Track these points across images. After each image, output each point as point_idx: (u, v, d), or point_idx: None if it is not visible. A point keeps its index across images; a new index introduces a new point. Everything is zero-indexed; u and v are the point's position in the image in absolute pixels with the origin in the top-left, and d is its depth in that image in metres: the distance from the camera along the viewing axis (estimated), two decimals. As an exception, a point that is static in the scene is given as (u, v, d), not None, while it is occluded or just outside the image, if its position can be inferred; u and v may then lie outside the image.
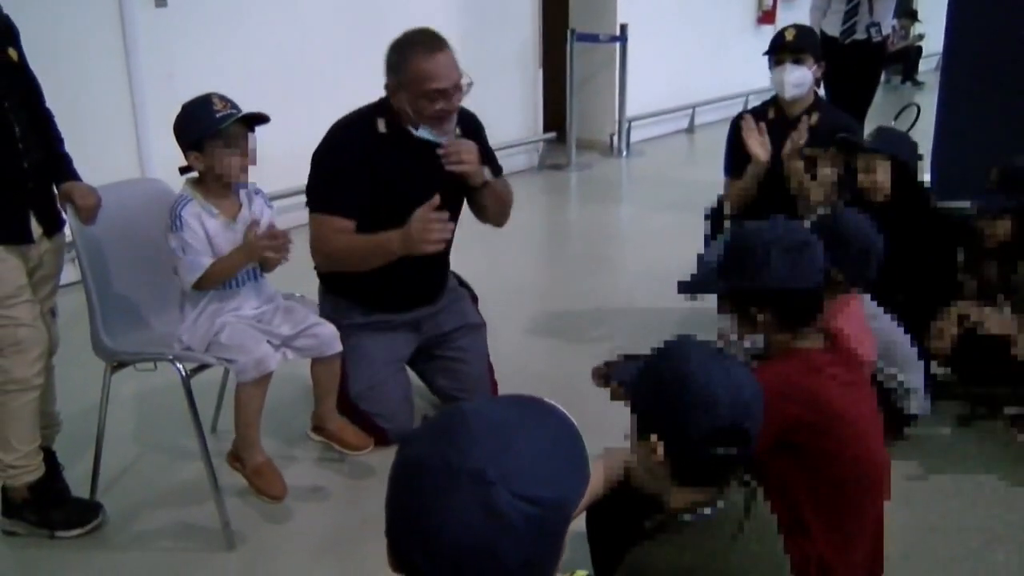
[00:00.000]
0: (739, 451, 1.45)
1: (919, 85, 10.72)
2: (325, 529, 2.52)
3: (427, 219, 2.50)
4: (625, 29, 6.93)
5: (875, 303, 2.69)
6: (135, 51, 4.42)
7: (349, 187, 2.65)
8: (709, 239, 3.61)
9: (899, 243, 2.55)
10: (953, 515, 2.55)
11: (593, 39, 6.94)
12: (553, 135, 7.02)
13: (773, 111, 3.47)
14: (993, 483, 2.69)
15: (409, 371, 3.03)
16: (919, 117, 6.31)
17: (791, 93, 3.36)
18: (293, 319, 2.50)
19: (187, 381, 2.38)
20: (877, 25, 5.18)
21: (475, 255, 3.45)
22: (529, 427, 0.94)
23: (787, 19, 8.21)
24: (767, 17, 8.74)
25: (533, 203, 6.10)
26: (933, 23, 8.98)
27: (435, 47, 2.59)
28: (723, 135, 3.65)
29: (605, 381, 1.93)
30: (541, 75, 6.80)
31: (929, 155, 4.28)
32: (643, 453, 1.49)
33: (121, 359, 2.48)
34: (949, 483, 2.70)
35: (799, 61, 3.33)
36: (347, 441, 2.62)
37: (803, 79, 3.34)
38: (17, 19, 2.32)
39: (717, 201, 3.64)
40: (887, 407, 2.65)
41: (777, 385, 1.66)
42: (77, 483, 2.55)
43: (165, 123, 2.38)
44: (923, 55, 11.04)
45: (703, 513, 1.46)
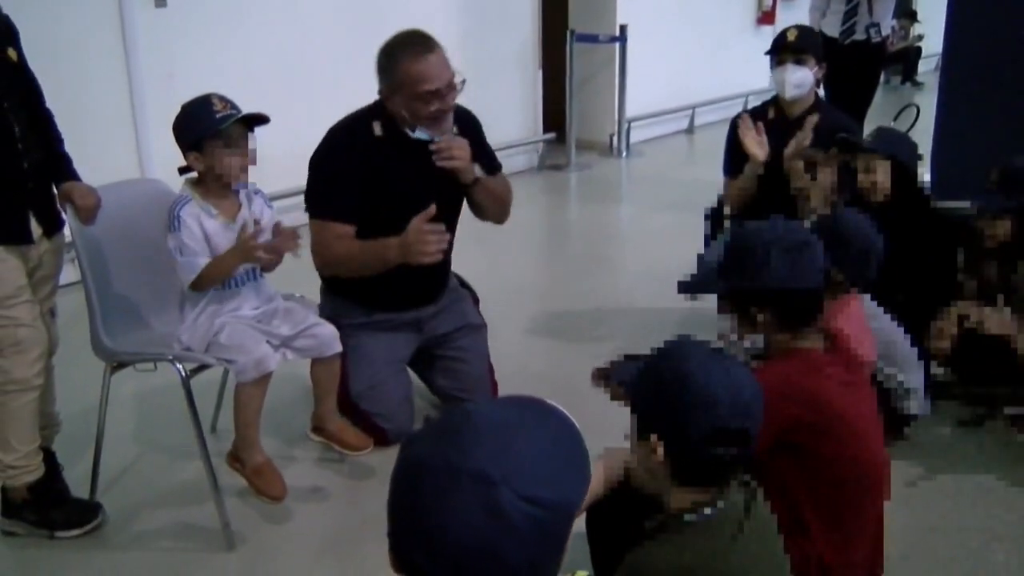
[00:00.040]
0: (739, 451, 1.45)
1: (918, 86, 10.73)
2: (325, 530, 2.52)
3: (423, 230, 2.50)
4: (625, 29, 6.94)
5: (875, 303, 2.69)
6: (135, 51, 4.42)
7: (347, 192, 2.65)
8: (709, 239, 3.61)
9: (899, 243, 2.55)
10: (953, 515, 2.55)
11: (593, 39, 6.93)
12: (553, 135, 7.02)
13: (773, 111, 3.47)
14: (993, 483, 2.69)
15: (409, 371, 3.04)
16: (918, 117, 6.31)
17: (792, 93, 3.36)
18: (293, 319, 2.50)
19: (187, 381, 2.38)
20: (876, 26, 5.18)
21: (475, 255, 3.45)
22: (531, 428, 0.94)
23: (787, 19, 8.23)
24: (767, 18, 8.74)
25: (533, 203, 6.10)
26: (932, 23, 8.99)
27: (425, 48, 2.57)
28: (723, 136, 3.65)
29: (605, 382, 1.92)
30: (541, 75, 6.80)
31: (929, 155, 4.28)
32: (643, 453, 1.50)
33: (121, 359, 2.48)
34: (949, 483, 2.70)
35: (800, 61, 3.34)
36: (347, 442, 2.62)
37: (804, 79, 3.34)
38: (17, 19, 2.32)
39: (717, 201, 3.64)
40: (887, 407, 2.65)
41: (777, 385, 1.66)
42: (77, 483, 2.55)
43: (165, 123, 2.38)
44: (922, 56, 11.05)
45: (703, 513, 1.46)
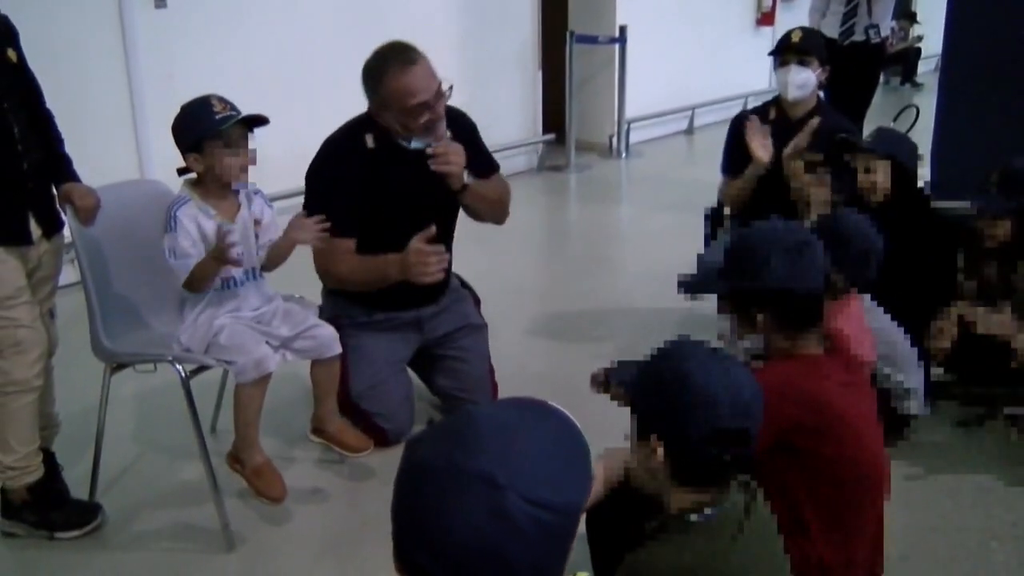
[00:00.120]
0: (739, 451, 1.45)
1: (918, 86, 10.72)
2: (325, 531, 2.52)
3: (423, 251, 2.53)
4: (624, 30, 6.93)
5: (875, 303, 2.69)
6: (135, 52, 4.42)
7: (345, 207, 2.66)
8: (709, 239, 3.61)
9: (898, 244, 2.55)
10: (953, 515, 2.55)
11: (592, 40, 6.93)
12: (552, 136, 7.01)
13: (774, 112, 3.47)
14: (993, 483, 2.69)
15: (410, 371, 3.03)
16: (918, 118, 6.31)
17: (794, 94, 3.36)
18: (292, 320, 2.49)
19: (186, 382, 2.38)
20: (876, 27, 5.18)
21: (475, 256, 3.45)
22: (534, 429, 0.94)
23: (786, 20, 8.25)
24: (766, 19, 8.73)
25: (533, 204, 6.10)
26: (932, 24, 8.99)
27: (408, 61, 2.56)
28: (722, 136, 3.65)
29: (604, 387, 1.93)
30: (540, 76, 6.79)
31: (928, 156, 4.28)
32: (643, 454, 1.49)
33: (121, 360, 2.48)
34: (949, 483, 2.70)
35: (804, 63, 3.34)
36: (347, 443, 2.62)
37: (807, 81, 3.35)
38: (16, 20, 2.31)
39: (717, 202, 3.64)
40: (886, 408, 2.65)
41: (777, 386, 1.66)
42: (76, 484, 2.55)
43: (165, 124, 2.37)
44: (922, 56, 11.04)
45: (703, 514, 1.46)
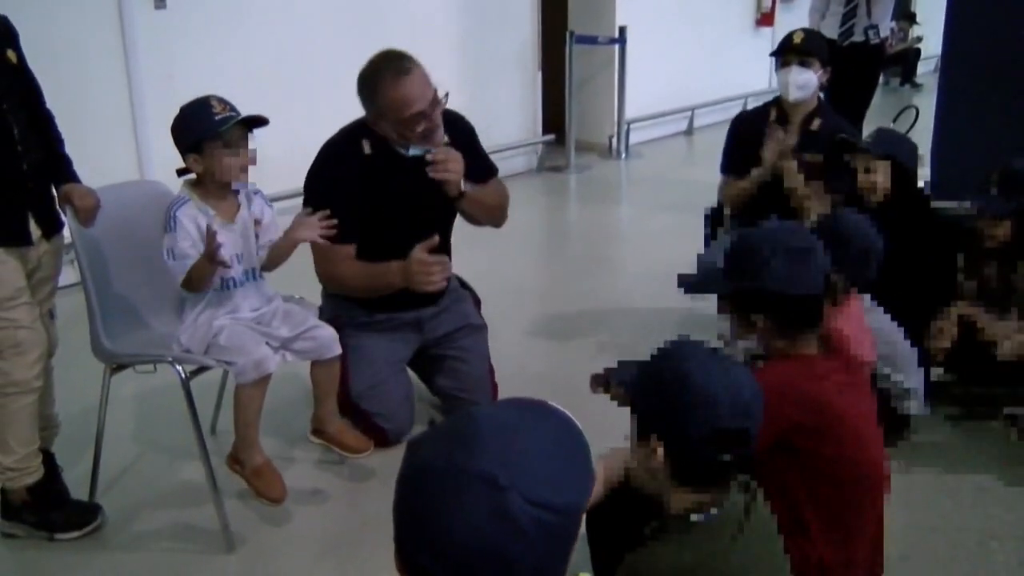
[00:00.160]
0: (739, 452, 1.45)
1: (918, 87, 10.73)
2: (325, 531, 2.52)
3: (425, 261, 2.56)
4: (624, 31, 6.93)
5: (875, 303, 2.69)
6: (134, 52, 4.42)
7: (344, 213, 2.65)
8: (708, 239, 3.62)
9: (897, 244, 2.55)
10: (953, 515, 2.55)
11: (592, 41, 6.93)
12: (552, 137, 7.01)
13: (775, 112, 3.47)
14: (993, 483, 2.69)
15: (410, 372, 3.03)
16: (918, 119, 6.32)
17: (795, 95, 3.36)
18: (292, 321, 2.49)
19: (186, 383, 2.37)
20: (875, 27, 5.18)
21: (475, 256, 3.45)
22: (536, 430, 0.94)
23: (785, 21, 8.25)
24: (766, 19, 8.74)
25: (532, 205, 6.10)
26: (931, 25, 8.99)
27: (402, 71, 2.55)
28: (722, 137, 3.65)
29: (605, 387, 1.93)
30: (540, 77, 6.80)
31: (928, 157, 4.28)
32: (643, 454, 1.49)
33: (121, 361, 2.48)
34: (949, 483, 2.70)
35: (805, 64, 3.34)
36: (347, 444, 2.62)
37: (808, 82, 3.35)
38: (16, 20, 2.31)
39: (717, 202, 3.64)
40: (886, 408, 2.65)
41: (775, 388, 1.66)
42: (76, 485, 2.54)
43: (165, 124, 2.37)
44: (921, 57, 11.05)
45: (704, 514, 1.46)
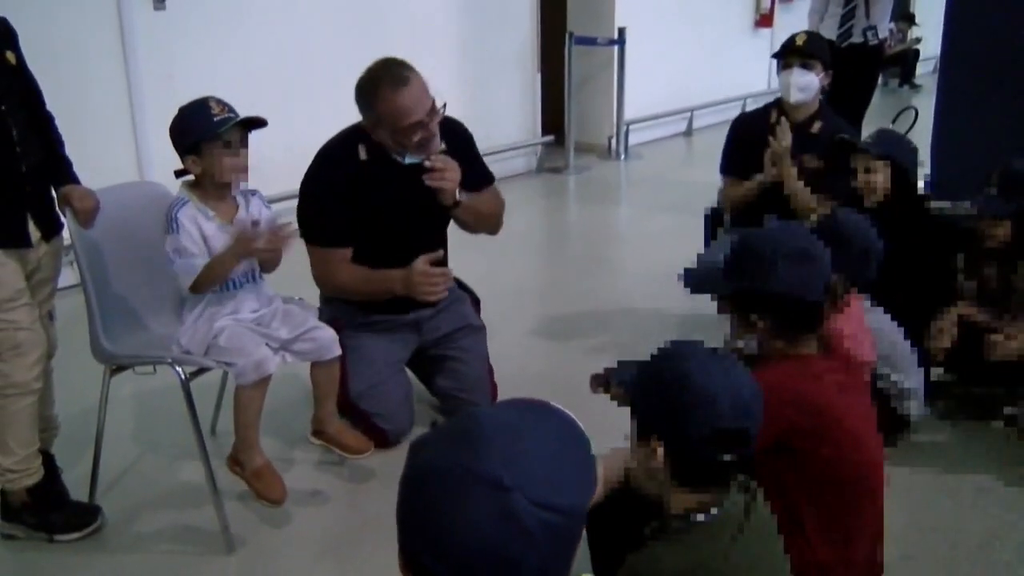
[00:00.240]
0: (739, 452, 1.45)
1: (917, 88, 10.74)
2: (325, 532, 2.52)
3: (428, 272, 2.60)
4: (623, 32, 6.94)
5: (875, 304, 2.69)
6: (134, 53, 4.42)
7: (340, 217, 2.68)
8: (708, 240, 3.62)
9: (895, 245, 2.55)
10: (953, 515, 2.55)
11: (591, 42, 6.94)
12: (551, 138, 7.02)
13: (776, 114, 3.47)
14: (993, 483, 2.69)
15: (409, 373, 3.03)
16: (917, 120, 6.32)
17: (796, 97, 3.36)
18: (292, 322, 2.49)
19: (186, 384, 2.37)
20: (874, 28, 5.19)
21: (475, 258, 3.45)
22: (540, 431, 0.93)
23: (785, 22, 8.26)
24: (765, 20, 8.75)
25: (532, 206, 6.11)
26: (930, 26, 9.00)
27: (401, 81, 2.55)
28: (721, 138, 3.66)
29: (605, 387, 1.93)
30: (539, 78, 6.80)
31: (928, 157, 4.29)
32: (643, 454, 1.49)
33: (120, 362, 2.47)
34: (949, 483, 2.70)
35: (807, 66, 3.34)
36: (347, 444, 2.62)
37: (809, 84, 3.35)
38: (15, 21, 2.31)
39: (716, 202, 3.64)
40: (886, 409, 2.65)
41: (773, 389, 1.65)
42: (76, 486, 2.54)
43: (164, 125, 2.37)
44: (920, 58, 11.07)
45: (704, 514, 1.46)
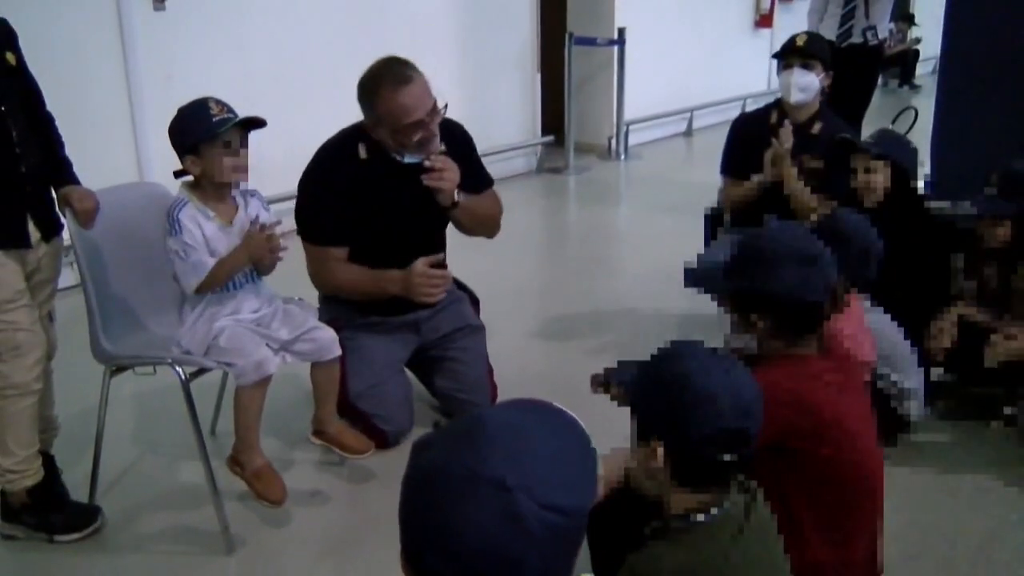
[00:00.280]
0: (739, 452, 1.45)
1: (916, 88, 10.75)
2: (325, 533, 2.52)
3: (428, 274, 2.61)
4: (623, 32, 6.94)
5: (875, 304, 2.69)
6: (133, 53, 4.42)
7: (337, 216, 2.67)
8: (708, 240, 3.62)
9: (893, 246, 2.55)
10: (953, 515, 2.55)
11: (591, 42, 6.94)
12: (551, 138, 7.02)
13: (776, 115, 3.47)
14: (993, 483, 2.69)
15: (408, 373, 3.03)
16: (916, 120, 6.32)
17: (796, 97, 3.36)
18: (292, 323, 2.49)
19: (186, 385, 2.37)
20: (873, 28, 5.19)
21: (475, 258, 3.45)
22: (543, 432, 0.93)
23: (784, 22, 8.27)
24: (765, 20, 8.75)
25: (532, 206, 6.11)
26: (930, 26, 9.00)
27: (403, 80, 2.55)
28: (721, 138, 3.66)
29: (605, 388, 1.92)
30: (539, 78, 6.80)
31: (928, 158, 4.29)
32: (643, 455, 1.49)
33: (120, 363, 2.47)
34: (949, 483, 2.70)
35: (807, 67, 3.34)
36: (348, 444, 2.61)
37: (810, 84, 3.35)
38: (15, 21, 2.31)
39: (717, 202, 3.64)
40: (886, 410, 2.65)
41: (770, 390, 1.65)
42: (76, 486, 2.54)
43: (163, 126, 2.37)
44: (920, 58, 11.07)
45: (704, 515, 1.46)
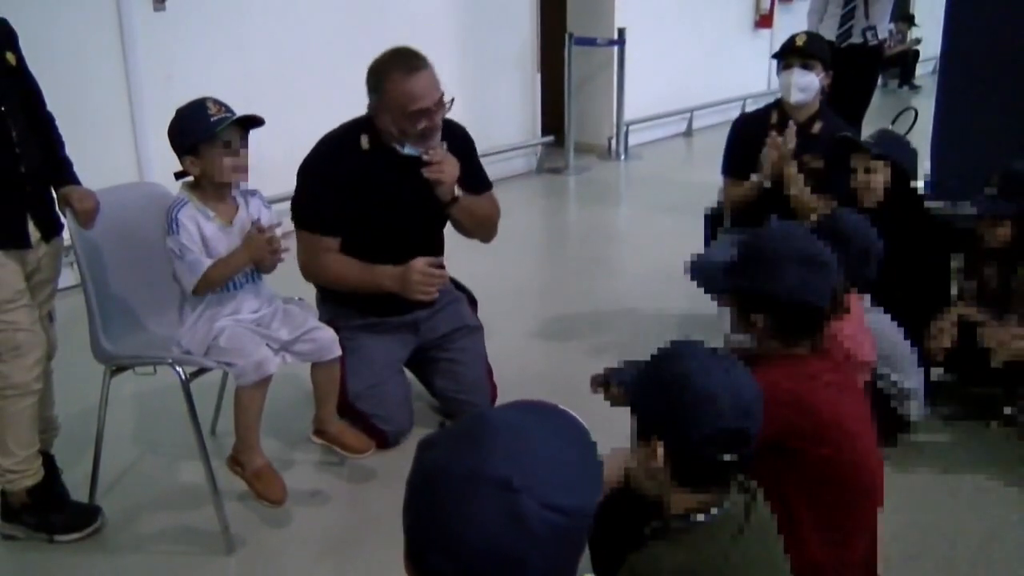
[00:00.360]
0: (739, 452, 1.45)
1: (916, 89, 10.76)
2: (325, 532, 2.52)
3: (426, 272, 2.61)
4: (623, 33, 6.94)
5: (875, 304, 2.69)
6: (133, 53, 4.42)
7: (334, 206, 2.67)
8: (709, 240, 3.62)
9: (892, 246, 2.55)
10: (953, 515, 2.55)
11: (591, 43, 6.94)
12: (551, 138, 7.02)
13: (776, 115, 3.47)
14: (993, 483, 2.69)
15: (408, 373, 3.03)
16: (916, 120, 6.33)
17: (796, 97, 3.36)
18: (292, 323, 2.49)
19: (187, 385, 2.37)
20: (873, 29, 5.18)
21: (474, 258, 3.45)
22: (547, 433, 0.94)
23: (784, 23, 8.27)
24: (764, 21, 8.75)
25: (532, 206, 6.11)
26: (930, 26, 9.01)
27: (413, 67, 2.57)
28: (721, 139, 3.66)
29: (605, 388, 1.92)
30: (539, 78, 6.80)
31: (928, 158, 4.29)
32: (643, 455, 1.49)
33: (120, 363, 2.47)
34: (949, 483, 2.70)
35: (807, 67, 3.34)
36: (348, 444, 2.62)
37: (810, 84, 3.35)
38: (15, 21, 2.31)
39: (717, 203, 3.64)
40: (886, 410, 2.65)
41: (768, 390, 1.65)
42: (76, 486, 2.54)
43: (163, 126, 2.37)
44: (920, 59, 11.07)
45: (704, 515, 1.46)
